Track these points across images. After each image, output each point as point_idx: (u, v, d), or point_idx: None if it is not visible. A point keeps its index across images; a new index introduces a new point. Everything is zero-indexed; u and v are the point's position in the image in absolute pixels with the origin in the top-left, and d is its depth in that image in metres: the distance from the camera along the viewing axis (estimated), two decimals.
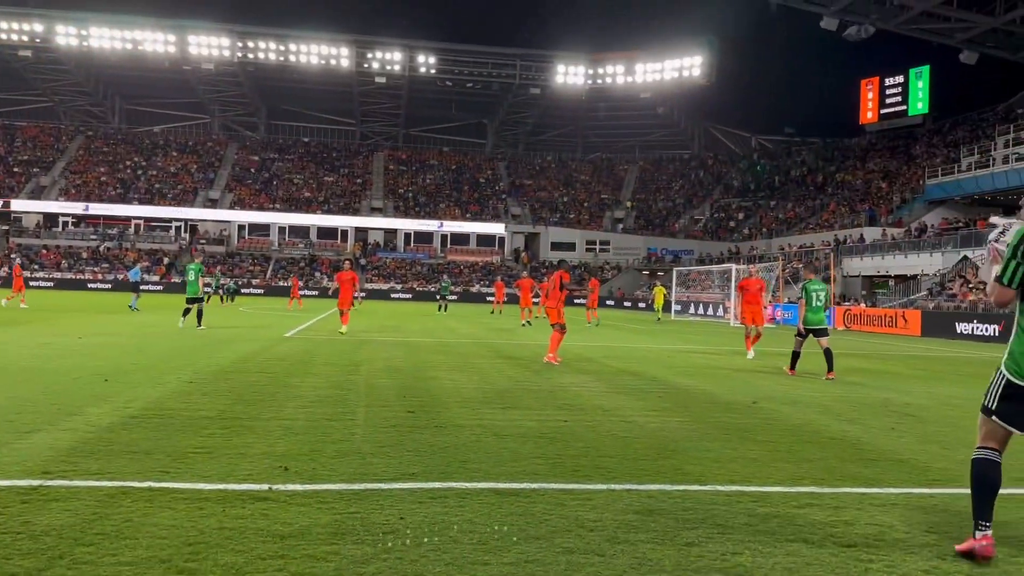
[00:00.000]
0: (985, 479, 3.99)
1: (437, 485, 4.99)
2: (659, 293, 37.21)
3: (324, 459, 5.61)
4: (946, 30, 50.33)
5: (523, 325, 26.28)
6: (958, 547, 4.10)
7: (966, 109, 60.09)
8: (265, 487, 4.82)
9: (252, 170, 76.57)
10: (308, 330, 20.00)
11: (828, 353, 12.56)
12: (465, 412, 7.82)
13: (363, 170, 78.90)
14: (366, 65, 73.76)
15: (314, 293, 58.82)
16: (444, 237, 71.15)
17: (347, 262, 20.57)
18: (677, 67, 74.15)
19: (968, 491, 5.27)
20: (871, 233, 46.90)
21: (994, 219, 4.37)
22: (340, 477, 5.13)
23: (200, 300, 19.59)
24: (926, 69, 61.07)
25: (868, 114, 65.62)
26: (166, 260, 63.76)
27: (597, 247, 71.33)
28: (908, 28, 51.02)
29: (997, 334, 25.91)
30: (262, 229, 69.90)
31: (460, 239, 71.50)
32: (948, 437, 7.34)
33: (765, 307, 18.68)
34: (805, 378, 12.39)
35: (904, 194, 51.57)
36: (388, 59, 73.44)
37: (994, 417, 3.98)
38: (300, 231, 70.28)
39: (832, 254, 43.12)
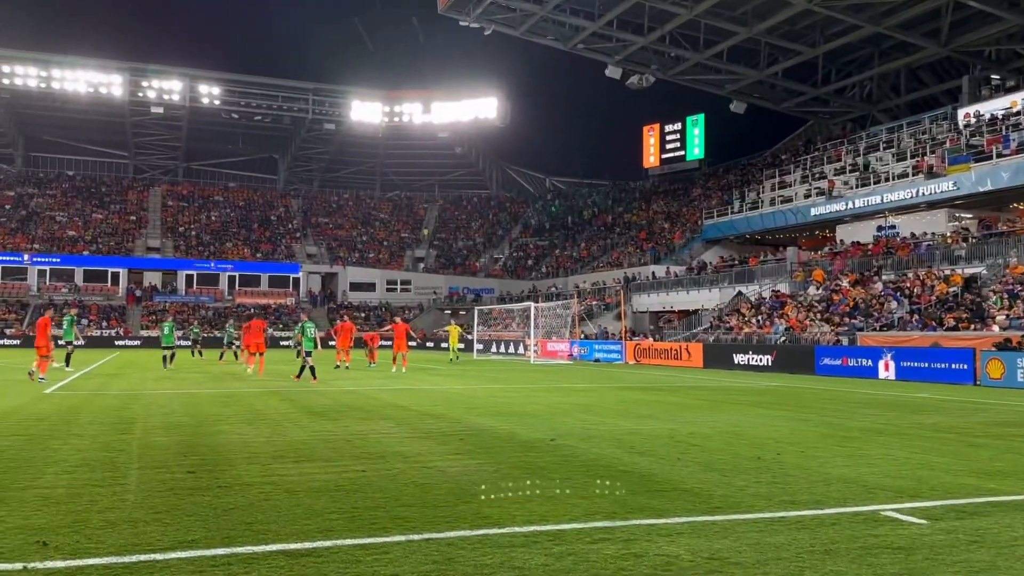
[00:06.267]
0: None
1: (220, 552, 4.73)
2: (453, 331, 36.99)
3: (90, 530, 5.15)
4: (717, 81, 55.63)
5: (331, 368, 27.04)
6: None
7: (737, 155, 66.61)
8: (19, 566, 4.35)
9: (6, 207, 69.48)
10: (72, 385, 18.31)
11: None
12: (253, 469, 7.49)
13: (137, 206, 73.95)
14: (141, 94, 69.82)
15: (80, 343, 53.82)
16: (232, 278, 67.95)
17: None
18: (473, 108, 76.51)
19: (748, 516, 5.78)
20: (657, 271, 50.38)
21: None
22: (108, 550, 4.73)
23: None
24: (701, 117, 67.20)
25: (651, 158, 70.96)
26: None
27: (399, 287, 71.20)
28: (684, 79, 55.89)
29: (770, 363, 28.62)
30: (18, 273, 63.37)
31: (250, 280, 68.62)
32: (728, 464, 7.99)
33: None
34: (595, 412, 13.01)
35: (684, 234, 55.96)
36: (166, 88, 69.94)
37: None
38: (64, 274, 64.40)
39: (622, 291, 45.81)
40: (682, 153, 68.52)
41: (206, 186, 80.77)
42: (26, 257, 63.45)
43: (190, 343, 35.77)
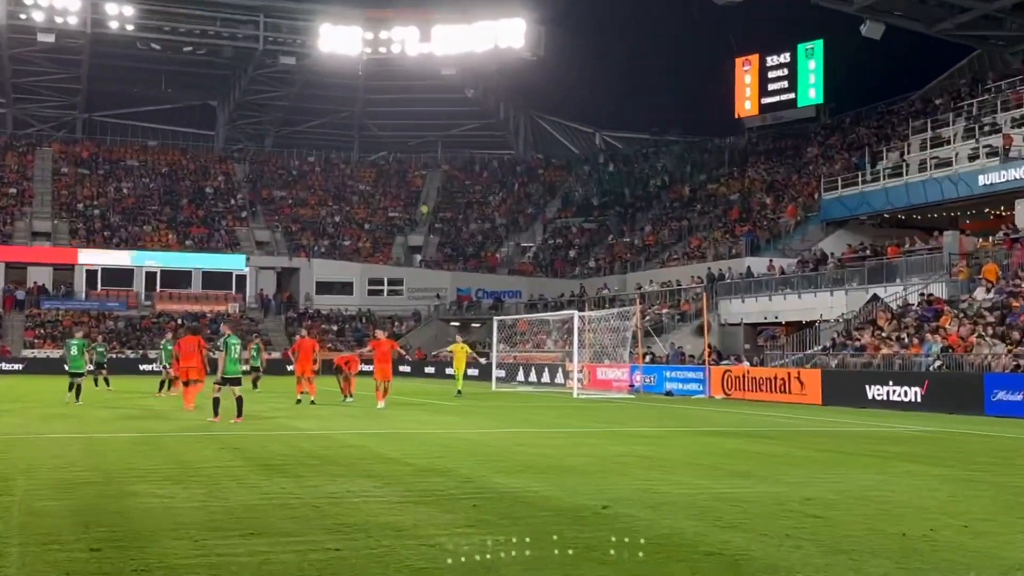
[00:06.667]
0: None
1: None
2: (460, 352, 36.60)
3: None
4: None
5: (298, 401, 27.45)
6: None
7: (872, 99, 65.97)
8: None
9: None
10: None
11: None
12: (182, 546, 7.54)
13: (19, 175, 74.91)
14: (23, 16, 70.41)
15: None
16: (151, 276, 68.54)
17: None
18: (491, 34, 76.37)
19: None
20: (755, 265, 50.06)
21: None
22: None
23: None
24: (819, 45, 66.64)
25: (746, 104, 70.52)
26: None
27: (385, 287, 71.42)
28: None
29: (919, 399, 28.33)
30: None
31: (177, 278, 69.17)
32: (860, 545, 7.92)
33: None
34: (666, 467, 12.95)
35: (797, 212, 55.52)
36: (59, 7, 70.52)
37: None
38: None
39: (705, 294, 45.49)
40: (791, 96, 68.06)
41: (115, 146, 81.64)
42: None
43: (92, 367, 36.18)
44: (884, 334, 35.00)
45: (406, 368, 58.44)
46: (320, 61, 77.82)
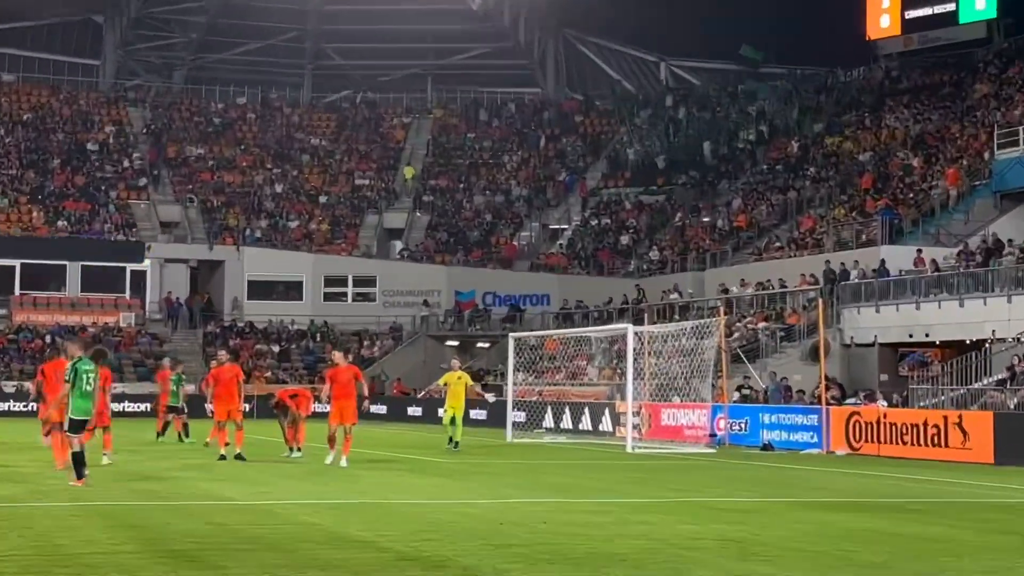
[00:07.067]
0: None
1: None
2: (457, 385, 36.52)
3: None
4: None
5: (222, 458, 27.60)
6: None
7: None
8: None
9: None
10: None
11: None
12: None
13: None
14: None
15: None
16: (6, 272, 68.71)
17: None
18: None
19: None
20: (894, 257, 49.87)
21: None
22: None
23: None
24: None
25: (883, 20, 70.30)
26: None
27: (350, 289, 71.28)
28: None
29: None
30: None
31: (45, 276, 69.37)
32: None
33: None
34: (764, 556, 12.96)
35: (960, 179, 55.29)
36: None
37: None
38: None
39: (821, 301, 45.28)
40: (950, 8, 67.88)
41: None
42: None
43: None
44: None
45: (381, 408, 58.58)
46: None
